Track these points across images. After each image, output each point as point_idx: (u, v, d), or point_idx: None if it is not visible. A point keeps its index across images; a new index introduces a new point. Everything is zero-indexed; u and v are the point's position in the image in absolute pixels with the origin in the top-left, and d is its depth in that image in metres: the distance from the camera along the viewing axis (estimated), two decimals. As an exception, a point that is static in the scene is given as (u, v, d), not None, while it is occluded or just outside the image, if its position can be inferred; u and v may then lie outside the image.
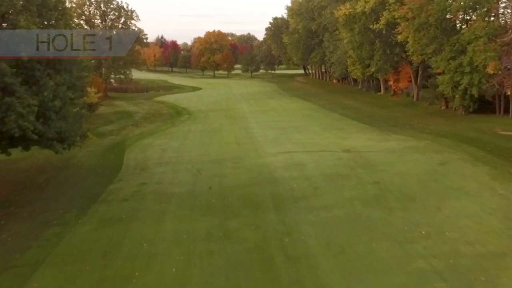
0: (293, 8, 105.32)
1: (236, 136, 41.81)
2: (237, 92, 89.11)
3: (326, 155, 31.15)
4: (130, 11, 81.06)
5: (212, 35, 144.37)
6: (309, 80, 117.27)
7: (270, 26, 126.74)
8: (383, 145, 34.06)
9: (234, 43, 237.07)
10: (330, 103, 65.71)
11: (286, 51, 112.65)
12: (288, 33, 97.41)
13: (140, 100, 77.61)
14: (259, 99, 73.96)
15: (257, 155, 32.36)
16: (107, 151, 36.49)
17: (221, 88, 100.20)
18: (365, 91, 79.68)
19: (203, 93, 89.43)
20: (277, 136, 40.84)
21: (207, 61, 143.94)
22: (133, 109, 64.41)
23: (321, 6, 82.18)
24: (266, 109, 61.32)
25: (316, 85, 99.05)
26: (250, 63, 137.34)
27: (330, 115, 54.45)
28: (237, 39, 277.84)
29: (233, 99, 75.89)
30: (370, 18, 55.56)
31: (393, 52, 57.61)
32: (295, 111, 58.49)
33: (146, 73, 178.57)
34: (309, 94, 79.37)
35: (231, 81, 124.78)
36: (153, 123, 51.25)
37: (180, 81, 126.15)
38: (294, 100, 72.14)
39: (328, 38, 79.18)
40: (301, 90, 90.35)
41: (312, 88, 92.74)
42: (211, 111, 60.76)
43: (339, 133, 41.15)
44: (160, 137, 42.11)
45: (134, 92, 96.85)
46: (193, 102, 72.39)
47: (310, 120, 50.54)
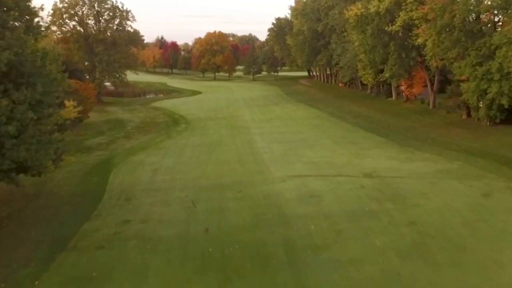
0: (297, 8, 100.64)
1: (238, 152, 37.14)
2: (239, 97, 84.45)
3: (345, 181, 26.44)
4: (125, 12, 76.52)
5: (212, 36, 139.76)
6: (314, 83, 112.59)
7: (273, 27, 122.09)
8: (408, 167, 29.35)
9: (236, 44, 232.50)
10: (339, 111, 61.02)
11: (290, 53, 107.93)
12: (292, 35, 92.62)
13: (135, 106, 72.98)
14: (262, 105, 69.28)
15: (263, 180, 27.67)
16: (91, 171, 31.84)
17: (222, 92, 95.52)
18: (374, 97, 74.97)
19: (203, 98, 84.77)
20: (285, 152, 36.17)
21: (208, 63, 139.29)
22: (127, 117, 59.77)
23: (328, 6, 77.53)
24: (271, 117, 56.63)
25: (321, 89, 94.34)
26: (252, 65, 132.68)
27: (341, 125, 49.78)
28: (239, 40, 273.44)
29: (235, 105, 71.20)
30: (385, 19, 50.87)
31: (409, 56, 52.91)
32: (302, 120, 53.81)
33: (145, 75, 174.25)
34: (315, 100, 74.67)
35: (233, 84, 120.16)
36: (146, 135, 46.58)
37: (179, 84, 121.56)
38: (300, 106, 67.44)
39: (335, 40, 74.50)
40: (306, 94, 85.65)
41: (318, 93, 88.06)
42: (211, 120, 56.08)
43: (355, 149, 36.46)
44: (153, 153, 37.43)
45: (130, 97, 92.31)
46: (192, 109, 67.74)
47: (320, 131, 45.86)
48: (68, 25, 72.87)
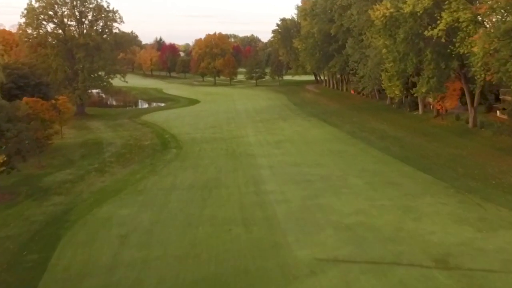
0: (305, 8, 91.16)
1: (241, 201, 27.66)
2: (241, 108, 74.91)
3: (411, 280, 16.90)
4: (112, 12, 67.03)
5: (212, 38, 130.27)
6: (323, 90, 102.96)
7: (278, 28, 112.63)
8: (494, 244, 19.86)
9: (237, 46, 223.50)
10: (360, 129, 51.51)
11: (297, 57, 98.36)
12: (300, 37, 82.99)
13: (122, 120, 63.50)
14: (268, 120, 59.71)
15: (281, 269, 18.20)
16: (32, 239, 22.46)
17: (222, 101, 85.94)
18: (396, 109, 65.41)
19: (200, 110, 75.20)
20: (304, 202, 26.76)
21: (207, 67, 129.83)
22: (109, 137, 50.33)
23: (342, 6, 67.99)
24: (279, 139, 47.06)
25: (333, 98, 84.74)
26: (255, 69, 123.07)
27: (368, 152, 40.28)
28: (240, 41, 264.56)
29: (236, 120, 61.66)
30: (422, 21, 41.36)
31: (449, 66, 43.42)
32: (319, 144, 44.26)
33: (141, 78, 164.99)
34: (329, 113, 65.08)
35: (234, 91, 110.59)
36: (126, 167, 37.07)
37: (176, 90, 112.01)
38: (312, 122, 57.86)
39: (352, 44, 65.00)
40: (317, 105, 76.06)
41: (330, 102, 78.48)
42: (208, 142, 46.53)
43: (399, 197, 27.07)
44: (126, 202, 27.96)
45: (120, 107, 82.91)
46: (186, 125, 58.25)
47: (344, 163, 36.38)
48: (46, 27, 63.50)
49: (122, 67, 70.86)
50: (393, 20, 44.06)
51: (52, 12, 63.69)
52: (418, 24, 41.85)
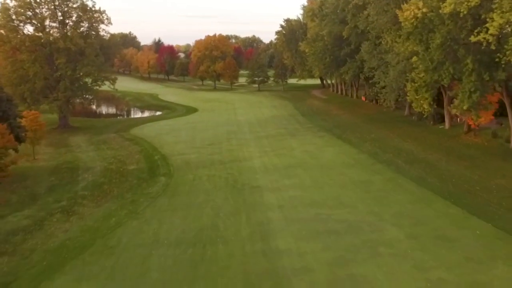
0: (312, 8, 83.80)
1: (244, 270, 20.31)
2: (243, 119, 67.53)
3: None
4: (98, 13, 59.64)
5: (212, 40, 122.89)
6: (330, 96, 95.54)
7: (282, 29, 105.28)
8: None
9: (238, 47, 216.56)
10: (382, 149, 44.05)
11: (303, 61, 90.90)
12: (308, 40, 75.49)
13: (109, 135, 56.17)
14: (274, 136, 52.29)
15: None
16: None
17: (222, 110, 78.59)
18: (418, 122, 57.98)
19: (198, 120, 67.80)
20: (333, 275, 19.48)
21: (207, 71, 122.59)
22: (88, 159, 42.99)
23: (356, 6, 60.59)
24: (290, 163, 39.61)
25: (343, 106, 77.33)
26: (257, 72, 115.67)
27: (400, 184, 32.84)
28: (241, 42, 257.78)
29: (238, 135, 54.26)
30: (465, 24, 34.00)
31: (494, 77, 36.05)
32: (338, 171, 36.85)
33: (138, 82, 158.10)
34: (342, 126, 57.68)
35: (235, 96, 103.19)
36: (100, 205, 29.71)
37: (173, 96, 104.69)
38: (325, 139, 50.41)
39: (368, 48, 57.59)
40: (327, 115, 68.62)
41: (341, 112, 71.04)
42: (204, 167, 39.11)
43: (465, 272, 19.63)
44: (90, 270, 20.58)
45: (111, 116, 75.63)
46: (181, 142, 50.87)
47: (375, 203, 28.95)
48: (23, 29, 56.11)
49: (111, 74, 62.92)
50: (426, 22, 36.68)
51: (31, 12, 56.32)
52: (458, 27, 34.50)
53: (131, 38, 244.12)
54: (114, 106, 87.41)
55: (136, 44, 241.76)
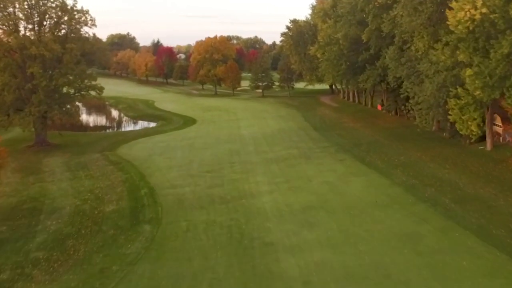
0: (323, 8, 75.61)
1: None
2: (247, 134, 59.37)
3: None
4: (81, 12, 51.48)
5: (213, 42, 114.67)
6: (342, 104, 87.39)
7: (288, 31, 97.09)
8: None
9: (240, 48, 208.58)
10: (419, 179, 35.88)
11: (312, 66, 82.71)
12: (320, 44, 67.09)
13: (92, 155, 48.04)
14: (285, 160, 44.01)
15: None
16: None
17: (224, 121, 70.45)
18: (450, 140, 49.77)
19: (196, 135, 59.57)
20: None
21: (207, 75, 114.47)
22: (59, 193, 34.90)
23: (379, 6, 52.41)
24: (309, 203, 31.44)
25: (358, 117, 69.15)
26: (261, 77, 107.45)
27: (461, 241, 24.65)
28: (243, 43, 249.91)
29: (242, 156, 46.08)
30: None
31: None
32: (371, 215, 28.75)
33: (134, 86, 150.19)
34: (363, 144, 49.45)
35: (237, 103, 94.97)
36: (56, 278, 21.57)
37: (171, 103, 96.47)
38: (347, 164, 42.10)
39: (394, 55, 49.44)
40: (343, 129, 60.32)
41: (357, 125, 62.78)
42: (201, 208, 30.97)
43: None
44: None
45: (99, 128, 67.56)
46: (175, 167, 42.67)
47: (433, 275, 20.93)
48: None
49: (96, 82, 54.66)
50: (486, 26, 28.57)
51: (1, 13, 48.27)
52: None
53: (129, 39, 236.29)
54: (105, 116, 79.42)
55: (134, 45, 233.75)
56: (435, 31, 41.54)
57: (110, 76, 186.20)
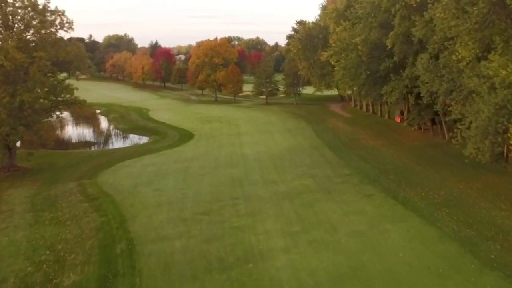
0: (337, 8, 67.51)
1: None
2: (252, 153, 51.30)
3: None
4: (57, 14, 43.40)
5: (212, 45, 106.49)
6: (354, 114, 79.31)
7: (295, 33, 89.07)
8: None
9: (242, 50, 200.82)
10: (474, 229, 27.85)
11: (323, 73, 74.59)
12: (334, 49, 58.74)
13: (67, 185, 39.93)
14: (300, 195, 35.89)
15: None
16: None
17: (224, 138, 62.28)
18: (493, 165, 41.51)
19: (192, 156, 51.33)
20: None
21: (206, 80, 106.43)
22: (5, 252, 26.78)
23: (409, 6, 44.29)
24: (340, 269, 23.38)
25: (377, 132, 61.10)
26: (265, 83, 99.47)
27: None
28: (245, 44, 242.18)
29: (247, 189, 37.92)
30: None
31: None
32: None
33: (130, 90, 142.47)
34: (391, 172, 41.30)
35: (240, 113, 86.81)
36: None
37: (166, 112, 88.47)
38: (376, 202, 33.95)
39: (427, 65, 41.28)
40: (362, 148, 52.11)
41: (378, 142, 54.60)
42: (195, 280, 22.83)
43: None
44: None
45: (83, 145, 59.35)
46: (165, 205, 34.46)
47: None
48: None
49: (75, 96, 46.55)
50: None
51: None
52: None
53: (127, 40, 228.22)
54: (92, 129, 71.40)
55: (132, 47, 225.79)
56: (486, 37, 33.53)
57: (106, 79, 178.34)
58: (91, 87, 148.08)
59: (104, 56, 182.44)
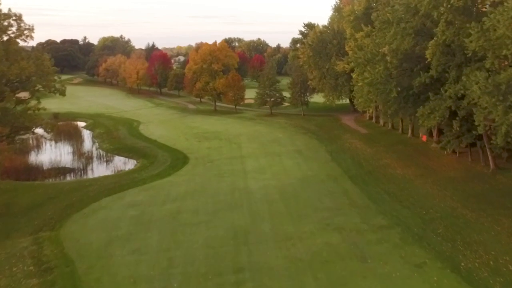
0: (354, 10, 58.19)
1: None
2: (259, 188, 41.96)
3: None
4: (11, 19, 34.12)
5: (211, 50, 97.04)
6: (371, 130, 69.88)
7: (302, 37, 79.71)
8: None
9: (243, 53, 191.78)
10: None
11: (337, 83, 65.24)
12: (357, 60, 48.97)
13: (18, 243, 30.61)
14: (326, 265, 26.49)
15: None
16: None
17: (225, 162, 52.92)
18: None
19: (184, 192, 41.67)
20: None
21: (205, 88, 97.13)
22: None
23: (457, 9, 34.97)
24: None
25: (404, 157, 51.79)
26: (269, 92, 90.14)
27: None
28: (246, 46, 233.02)
29: (254, 254, 28.48)
30: None
31: None
32: None
33: (123, 97, 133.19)
34: (439, 224, 31.94)
35: (242, 128, 77.43)
36: None
37: (159, 126, 79.28)
38: (431, 277, 24.56)
39: (486, 84, 31.96)
40: (393, 183, 42.74)
41: (409, 173, 45.28)
42: None
43: None
44: None
45: (54, 173, 49.77)
46: (140, 286, 25.32)
47: None
48: None
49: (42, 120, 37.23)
50: None
51: None
52: None
53: (122, 42, 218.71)
54: (72, 149, 61.91)
55: (128, 49, 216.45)
56: None
57: (99, 84, 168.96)
58: (82, 93, 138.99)
59: (97, 60, 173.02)
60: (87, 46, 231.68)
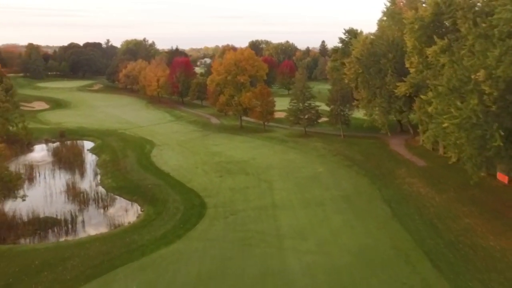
0: (420, 17, 45.07)
1: None
2: (300, 271, 29.70)
3: None
4: None
5: (237, 59, 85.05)
6: (431, 163, 56.27)
7: (344, 46, 66.84)
8: None
9: (270, 57, 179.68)
10: None
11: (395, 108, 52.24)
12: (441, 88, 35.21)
13: None
14: None
15: None
16: None
17: (252, 215, 40.67)
18: None
19: (194, 285, 30.05)
20: None
21: (229, 103, 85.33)
22: None
23: None
24: None
25: (486, 210, 38.60)
26: (304, 109, 77.67)
27: None
28: (274, 49, 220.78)
29: None
30: None
31: None
32: None
33: (142, 107, 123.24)
34: None
35: (272, 154, 65.13)
36: None
37: (175, 149, 68.07)
38: None
39: None
40: (495, 271, 29.84)
41: (506, 246, 32.28)
42: None
43: None
44: None
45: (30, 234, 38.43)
46: None
47: None
48: None
49: None
50: None
51: None
52: None
53: (146, 45, 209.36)
54: (67, 185, 50.85)
55: (152, 52, 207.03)
56: None
57: (119, 91, 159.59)
58: (99, 103, 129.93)
59: (118, 65, 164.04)
60: (110, 49, 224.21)
